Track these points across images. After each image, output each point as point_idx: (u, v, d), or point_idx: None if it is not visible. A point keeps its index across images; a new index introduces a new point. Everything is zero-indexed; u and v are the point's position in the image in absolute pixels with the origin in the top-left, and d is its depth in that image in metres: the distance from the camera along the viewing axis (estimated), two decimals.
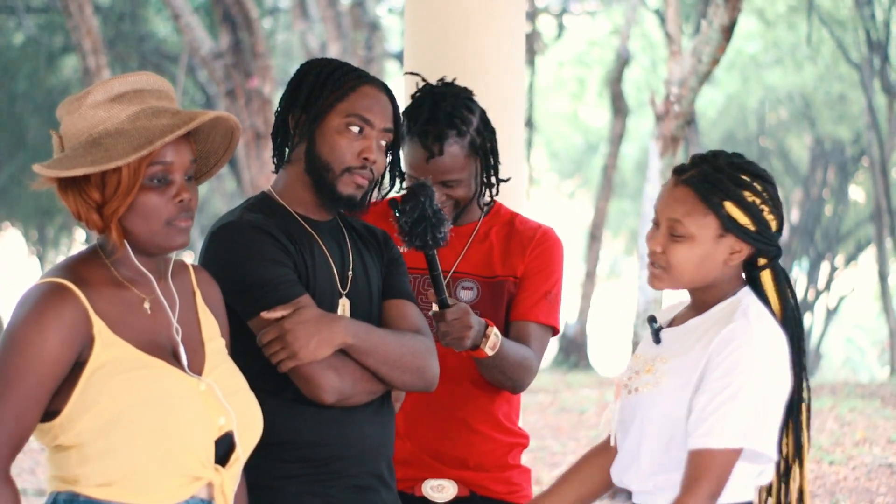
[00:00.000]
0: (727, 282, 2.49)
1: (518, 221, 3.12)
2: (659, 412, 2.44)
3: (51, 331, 2.13)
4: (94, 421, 2.13)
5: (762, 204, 2.44)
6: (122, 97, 2.21)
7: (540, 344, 3.03)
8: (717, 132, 22.85)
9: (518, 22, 3.74)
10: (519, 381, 2.97)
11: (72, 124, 2.21)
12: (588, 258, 18.11)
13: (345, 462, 2.58)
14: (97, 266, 2.23)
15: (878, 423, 10.45)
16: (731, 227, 2.43)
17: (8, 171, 19.29)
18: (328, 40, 14.91)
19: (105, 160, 2.14)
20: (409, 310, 2.68)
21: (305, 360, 2.47)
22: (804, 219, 22.66)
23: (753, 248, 2.47)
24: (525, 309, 3.02)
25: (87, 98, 2.20)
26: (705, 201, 2.43)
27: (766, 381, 2.37)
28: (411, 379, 2.59)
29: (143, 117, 2.20)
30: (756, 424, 2.35)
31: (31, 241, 24.35)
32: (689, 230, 2.44)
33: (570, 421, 11.66)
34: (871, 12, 17.59)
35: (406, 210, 2.68)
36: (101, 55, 12.09)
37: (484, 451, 3.04)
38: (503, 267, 3.04)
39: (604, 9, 21.66)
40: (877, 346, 25.99)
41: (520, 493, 3.09)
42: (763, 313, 2.44)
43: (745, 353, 2.36)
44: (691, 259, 2.45)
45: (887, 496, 7.84)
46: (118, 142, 2.16)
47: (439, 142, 2.93)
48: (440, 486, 3.02)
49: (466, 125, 2.97)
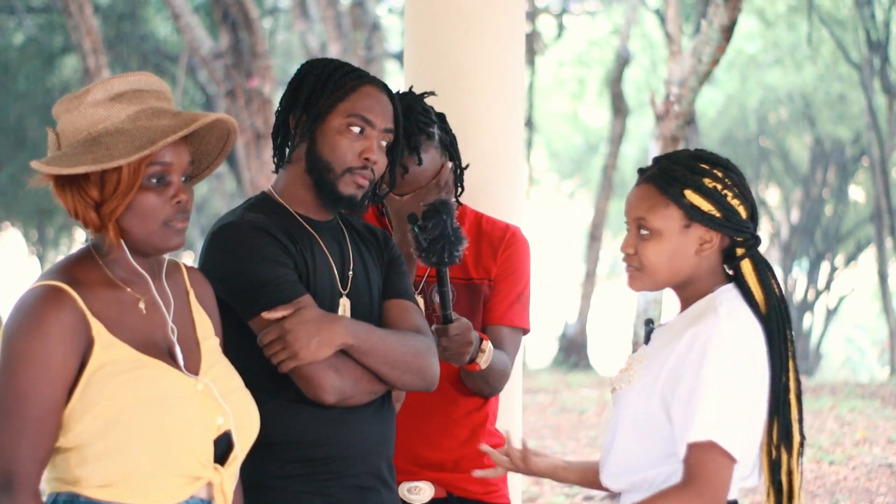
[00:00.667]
0: (706, 277, 2.47)
1: (485, 222, 3.13)
2: (629, 410, 2.46)
3: (53, 338, 2.12)
4: (94, 422, 2.13)
5: (724, 189, 2.44)
6: (122, 96, 2.21)
7: (514, 347, 3.06)
8: (717, 132, 22.85)
9: (518, 22, 3.74)
10: (496, 387, 3.02)
11: (70, 122, 2.21)
12: (588, 258, 18.10)
13: (345, 462, 2.58)
14: (91, 267, 2.23)
15: (878, 423, 10.46)
16: (696, 216, 2.43)
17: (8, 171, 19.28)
18: (328, 40, 14.91)
19: (107, 159, 2.14)
20: (409, 310, 2.68)
21: (306, 360, 2.47)
22: (804, 219, 22.66)
23: (725, 237, 2.46)
24: (500, 313, 3.04)
25: (87, 96, 2.20)
26: (665, 193, 2.44)
27: (733, 379, 2.35)
28: (412, 379, 2.59)
29: (144, 117, 2.20)
30: (722, 419, 2.33)
31: (31, 241, 24.34)
32: (655, 225, 2.45)
33: (570, 421, 11.66)
34: (871, 12, 17.58)
35: (427, 227, 2.69)
36: (101, 55, 12.09)
37: (462, 453, 3.05)
38: (476, 269, 3.06)
39: (604, 9, 21.66)
40: (877, 346, 25.99)
41: (496, 493, 3.10)
42: (735, 310, 2.41)
43: (710, 350, 2.35)
44: (662, 255, 2.45)
45: (887, 496, 7.84)
46: (119, 141, 2.16)
47: (416, 154, 2.93)
48: (417, 487, 3.03)
49: (431, 129, 2.98)
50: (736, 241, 2.47)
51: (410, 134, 2.93)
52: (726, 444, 2.33)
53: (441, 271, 2.75)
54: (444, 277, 2.75)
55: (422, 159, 2.93)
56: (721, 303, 2.42)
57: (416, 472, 3.03)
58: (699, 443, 2.33)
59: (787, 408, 2.43)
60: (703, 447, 2.33)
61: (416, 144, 2.93)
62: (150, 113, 2.21)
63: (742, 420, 2.36)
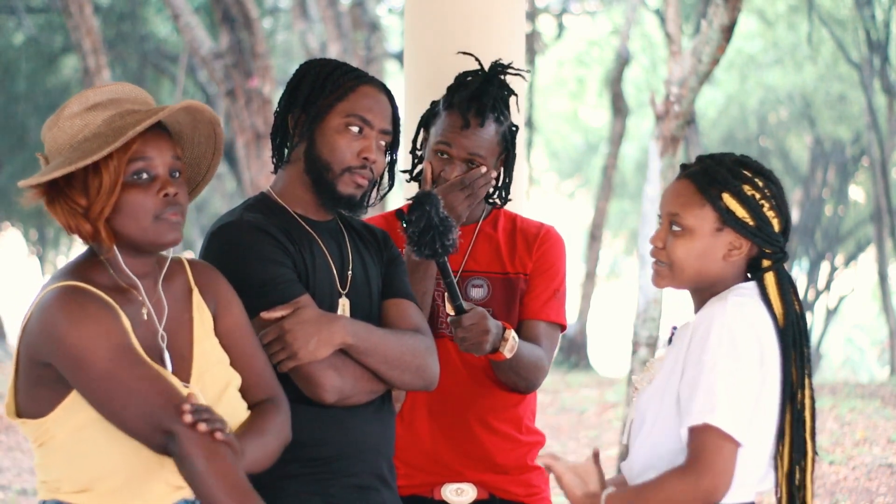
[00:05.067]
0: (729, 284, 2.47)
1: (520, 220, 3.13)
2: (649, 408, 2.46)
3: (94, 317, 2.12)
4: (87, 420, 2.14)
5: (762, 199, 2.44)
6: (98, 105, 2.23)
7: (550, 342, 3.05)
8: (717, 132, 22.84)
9: (518, 22, 3.74)
10: (532, 381, 2.99)
11: (53, 140, 2.23)
12: (588, 258, 18.10)
13: (345, 461, 2.58)
14: (99, 270, 2.24)
15: (878, 423, 10.45)
16: (729, 221, 2.43)
17: (8, 171, 19.28)
18: (328, 40, 14.90)
19: (80, 159, 2.15)
20: (408, 309, 2.68)
21: (305, 360, 2.47)
22: (804, 219, 22.65)
23: (754, 246, 2.46)
24: (536, 308, 3.03)
25: (65, 111, 2.22)
26: (703, 192, 2.44)
27: (735, 362, 2.34)
28: (411, 378, 2.59)
29: (118, 119, 2.22)
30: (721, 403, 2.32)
31: (31, 241, 24.35)
32: (688, 222, 2.44)
33: (570, 421, 11.66)
34: (871, 12, 17.58)
35: (412, 220, 2.67)
36: (101, 55, 12.09)
37: (505, 451, 3.04)
38: (513, 264, 3.06)
39: (604, 9, 21.66)
40: (877, 346, 25.97)
41: (539, 496, 3.09)
42: (745, 301, 2.40)
43: (712, 334, 2.34)
44: (690, 253, 2.44)
45: (887, 496, 7.84)
46: (94, 143, 2.18)
47: (481, 116, 2.94)
48: (460, 489, 3.02)
49: (506, 116, 3.00)
50: (764, 252, 2.46)
51: (484, 98, 2.94)
52: (726, 427, 2.31)
53: (440, 263, 2.73)
54: (446, 268, 2.73)
55: (484, 123, 2.94)
56: (731, 291, 2.42)
57: (460, 472, 3.02)
58: (698, 426, 2.32)
59: (801, 426, 2.42)
60: (703, 430, 2.32)
61: (484, 111, 2.93)
62: (124, 114, 2.22)
63: (744, 403, 2.35)
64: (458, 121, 2.94)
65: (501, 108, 2.98)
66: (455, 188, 2.93)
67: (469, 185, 2.94)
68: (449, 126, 2.96)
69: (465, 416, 3.02)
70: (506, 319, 2.98)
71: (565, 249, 3.13)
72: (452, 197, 2.92)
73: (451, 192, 2.92)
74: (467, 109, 2.94)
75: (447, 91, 3.01)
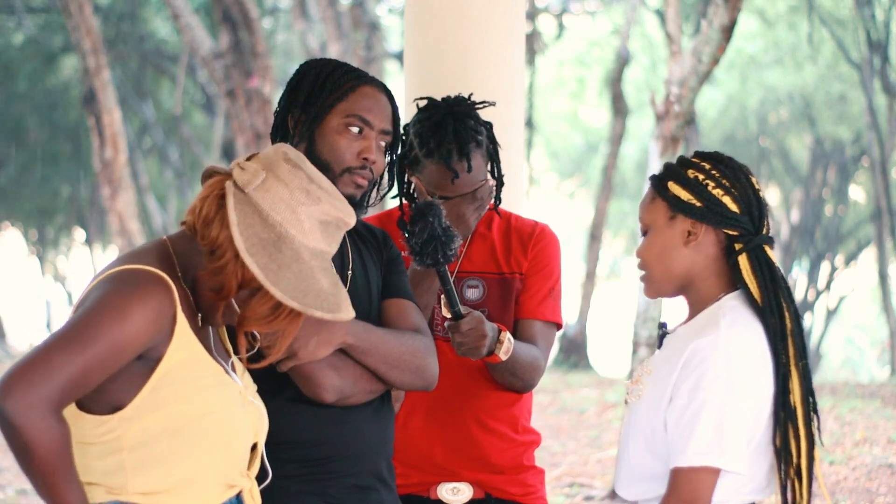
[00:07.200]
0: (708, 278, 2.46)
1: (514, 220, 3.14)
2: (640, 424, 2.45)
3: (140, 310, 2.09)
4: (161, 423, 2.13)
5: (706, 179, 2.44)
6: (326, 225, 2.21)
7: (546, 342, 3.05)
8: (717, 132, 22.85)
9: (518, 22, 3.74)
10: (528, 381, 3.00)
11: (272, 196, 2.17)
12: (588, 258, 18.11)
13: (344, 461, 2.58)
14: (171, 264, 2.21)
15: (878, 423, 10.45)
16: (676, 206, 2.44)
17: (8, 171, 19.29)
18: (328, 40, 14.91)
19: (311, 307, 2.15)
20: (408, 309, 2.68)
21: (305, 359, 2.47)
22: (804, 219, 22.66)
23: (720, 232, 2.44)
24: (531, 307, 3.04)
25: (302, 196, 2.18)
26: (655, 189, 2.49)
27: (732, 396, 2.32)
28: (411, 378, 2.59)
29: (334, 288, 2.21)
30: (721, 441, 2.31)
31: (31, 241, 24.34)
32: (646, 220, 2.49)
33: (570, 421, 11.66)
34: (871, 12, 17.59)
35: (415, 231, 2.69)
36: (101, 55, 12.09)
37: (501, 450, 3.05)
38: (508, 264, 3.06)
39: (604, 9, 21.67)
40: (877, 346, 25.99)
41: (535, 495, 3.10)
42: (737, 321, 2.38)
43: (710, 368, 2.33)
44: (653, 250, 2.47)
45: (887, 496, 7.84)
46: (320, 301, 2.17)
47: (465, 159, 2.93)
48: (456, 489, 3.03)
49: (481, 132, 2.99)
50: (732, 236, 2.45)
51: (463, 140, 2.92)
52: (729, 466, 2.32)
53: (440, 271, 2.74)
54: (446, 276, 2.75)
55: (472, 166, 2.93)
56: (724, 314, 2.40)
57: (456, 472, 3.03)
58: (695, 467, 2.32)
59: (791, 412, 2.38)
60: (699, 470, 2.32)
61: (467, 151, 2.92)
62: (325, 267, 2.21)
63: (739, 440, 2.34)
64: (446, 173, 2.92)
65: (475, 133, 2.95)
66: (467, 200, 2.94)
67: (480, 198, 2.96)
68: (439, 178, 2.94)
69: (461, 416, 3.03)
70: (501, 319, 2.99)
71: (560, 248, 3.14)
72: (464, 208, 2.94)
73: (463, 203, 2.94)
74: (449, 158, 2.92)
75: (416, 135, 2.96)
